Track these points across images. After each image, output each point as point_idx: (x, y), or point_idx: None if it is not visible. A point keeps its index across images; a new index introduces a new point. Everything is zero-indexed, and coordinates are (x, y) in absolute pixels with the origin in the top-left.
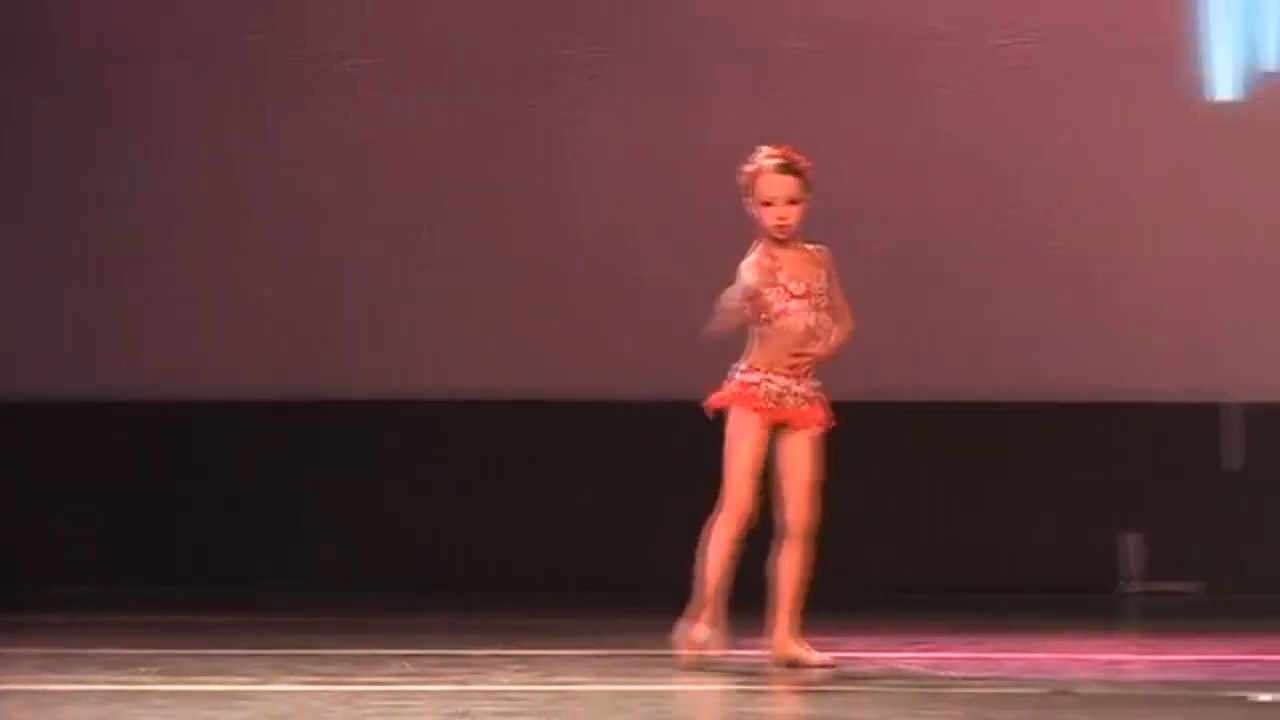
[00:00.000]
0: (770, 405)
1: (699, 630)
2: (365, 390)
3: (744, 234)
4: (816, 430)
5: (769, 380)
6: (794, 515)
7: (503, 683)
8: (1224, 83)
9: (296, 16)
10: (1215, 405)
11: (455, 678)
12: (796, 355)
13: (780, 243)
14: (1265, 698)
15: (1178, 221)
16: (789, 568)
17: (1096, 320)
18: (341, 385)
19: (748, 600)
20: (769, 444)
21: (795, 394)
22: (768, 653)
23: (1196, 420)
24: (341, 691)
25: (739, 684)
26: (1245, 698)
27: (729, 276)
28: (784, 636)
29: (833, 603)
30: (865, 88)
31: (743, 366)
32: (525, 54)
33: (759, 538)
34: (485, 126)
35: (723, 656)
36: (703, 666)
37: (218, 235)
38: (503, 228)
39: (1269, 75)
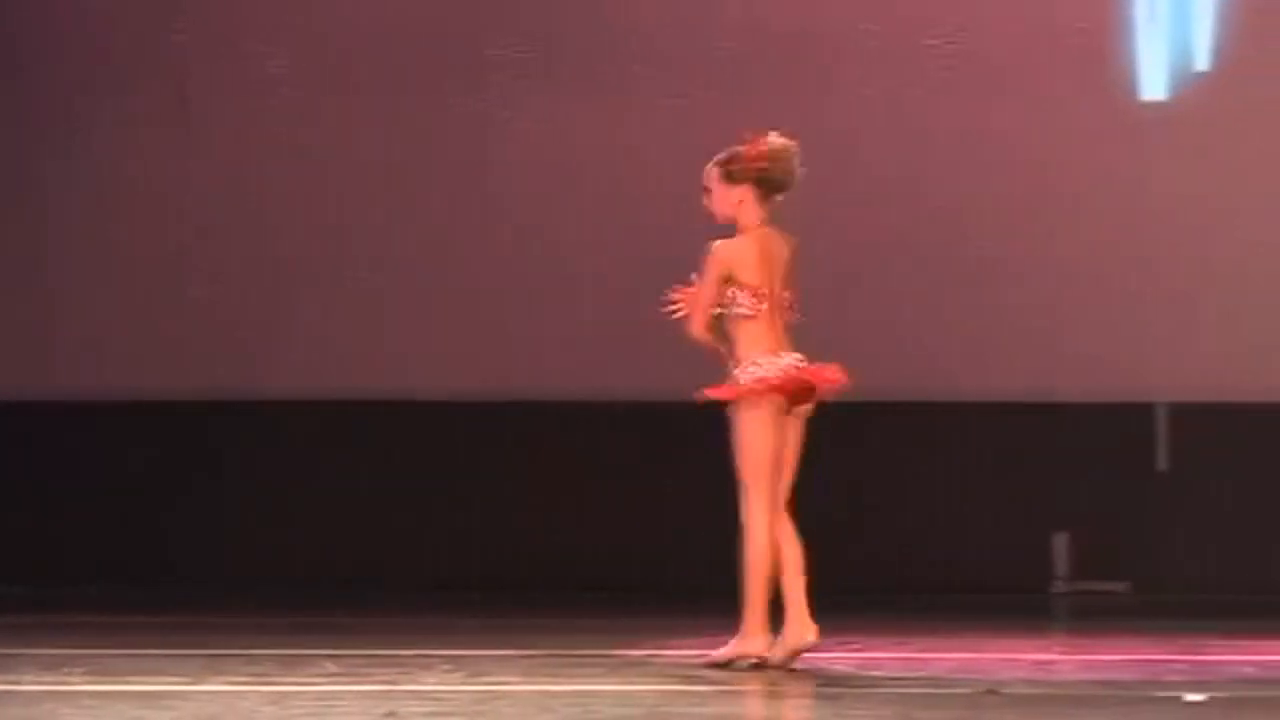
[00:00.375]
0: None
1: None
2: (283, 390)
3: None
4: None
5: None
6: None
7: (430, 683)
8: (1153, 83)
9: (223, 16)
10: (1147, 406)
11: (383, 678)
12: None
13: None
14: (1196, 698)
15: (1107, 222)
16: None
17: (1027, 321)
18: (261, 385)
19: (678, 600)
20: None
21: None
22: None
23: (1128, 421)
24: (270, 692)
25: (667, 684)
26: (1177, 698)
27: (658, 275)
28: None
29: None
30: (794, 89)
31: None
32: (453, 54)
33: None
34: (412, 126)
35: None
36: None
37: (144, 235)
38: (429, 227)
39: (1198, 75)
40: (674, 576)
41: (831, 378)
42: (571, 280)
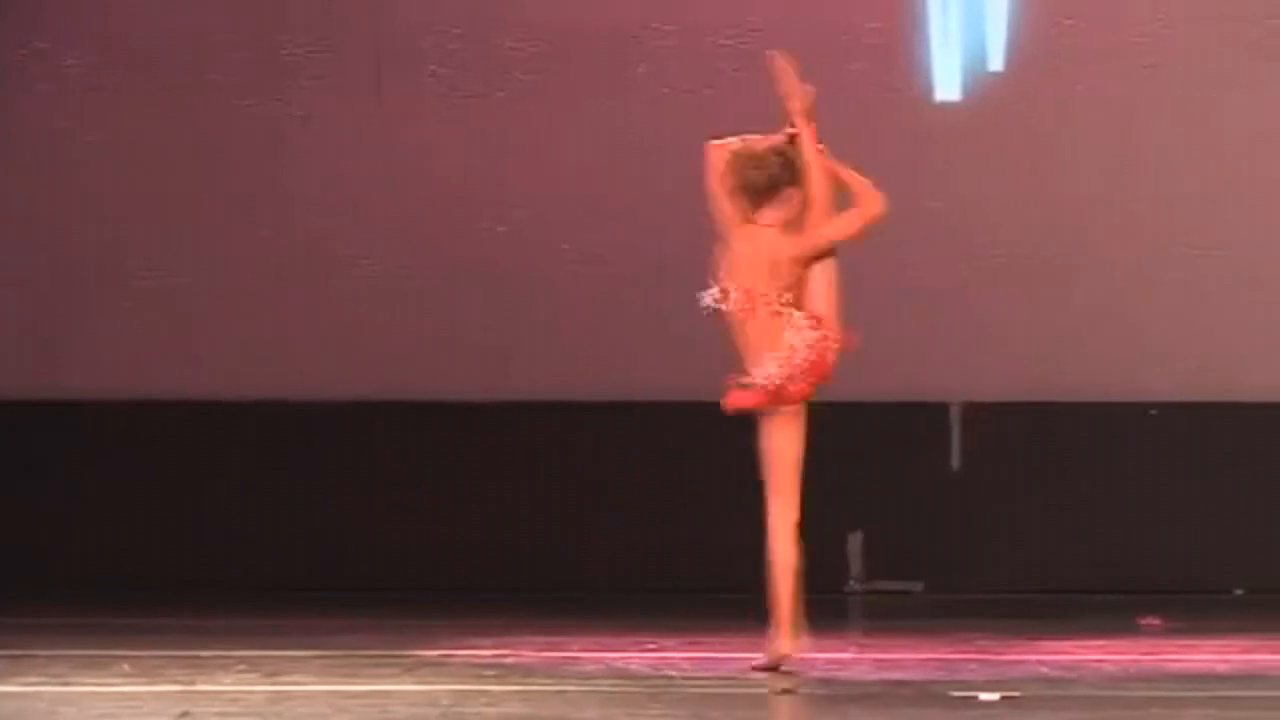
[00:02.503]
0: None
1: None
2: (80, 391)
3: (463, 232)
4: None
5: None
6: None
7: (225, 683)
8: (946, 84)
9: (17, 15)
10: (941, 405)
11: (179, 678)
12: None
13: None
14: (990, 697)
15: (899, 222)
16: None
17: None
18: (60, 385)
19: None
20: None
21: None
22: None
23: (923, 420)
24: (67, 692)
25: (462, 684)
26: (972, 697)
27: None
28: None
29: (557, 603)
30: (585, 88)
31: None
32: (246, 54)
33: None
34: (205, 127)
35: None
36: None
37: None
38: (220, 229)
39: (991, 76)
40: (465, 576)
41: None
42: (358, 282)
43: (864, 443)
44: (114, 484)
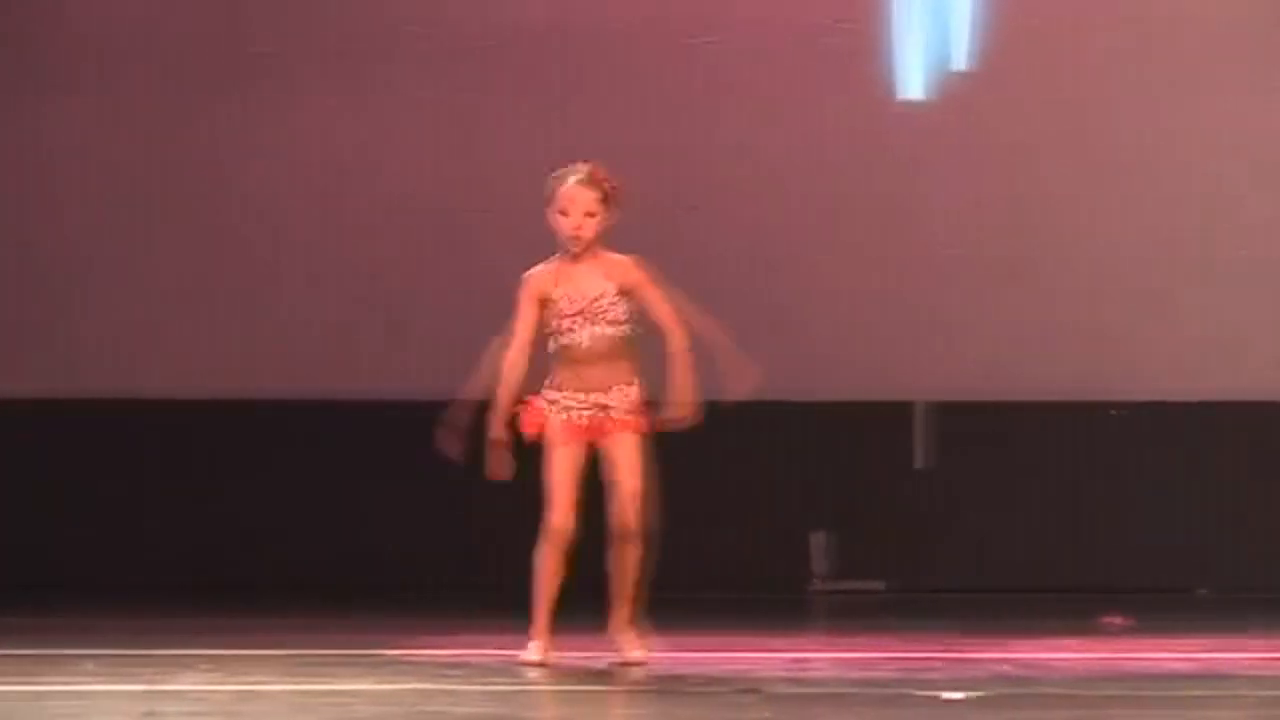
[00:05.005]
0: (574, 422)
1: (535, 646)
2: (49, 390)
3: (438, 231)
4: (633, 436)
5: (567, 398)
6: (620, 520)
7: (190, 682)
8: (912, 83)
9: None
10: (906, 404)
11: (143, 678)
12: (585, 370)
13: (574, 256)
14: (954, 696)
15: (865, 222)
16: (620, 568)
17: (787, 320)
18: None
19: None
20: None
21: (597, 406)
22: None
23: (886, 419)
24: (28, 692)
25: (425, 683)
26: (936, 696)
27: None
28: (616, 625)
29: (516, 602)
30: (548, 89)
31: (546, 384)
32: (216, 51)
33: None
34: (176, 125)
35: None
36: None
37: None
38: (191, 229)
39: (957, 76)
40: (429, 575)
41: (614, 429)
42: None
43: (827, 441)
44: (76, 484)
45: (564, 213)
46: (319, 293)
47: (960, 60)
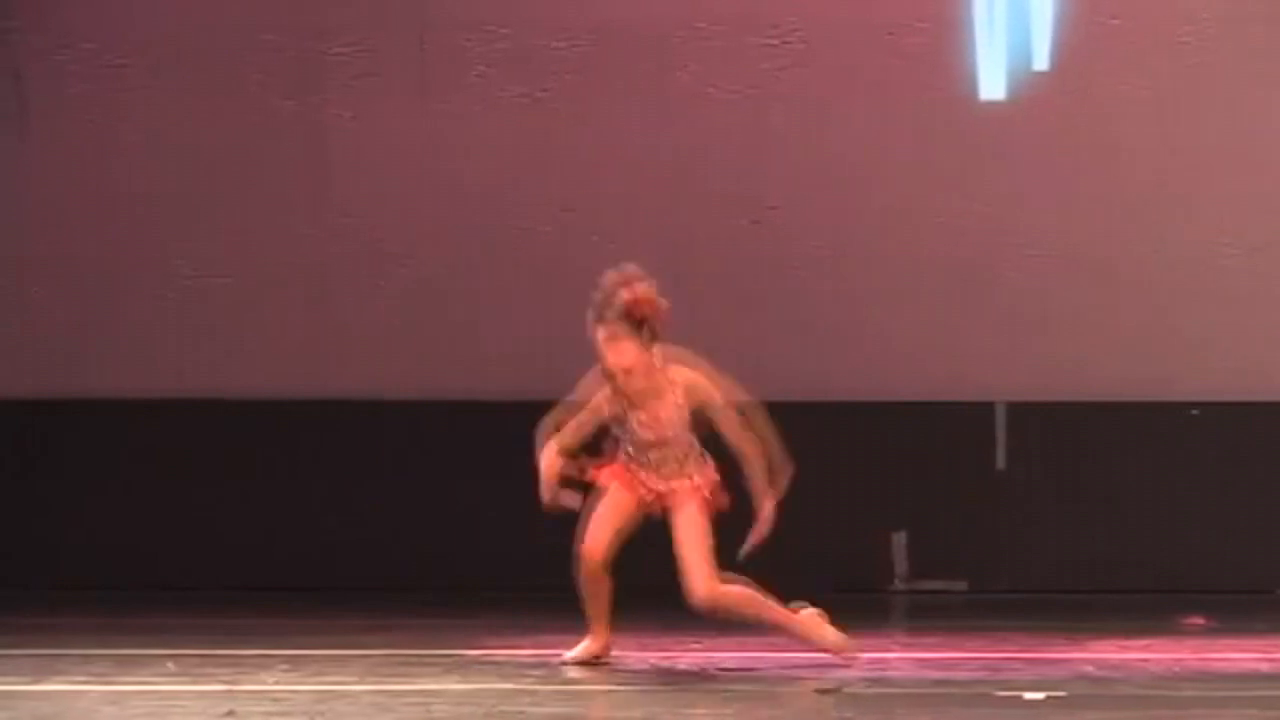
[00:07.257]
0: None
1: (582, 646)
2: (118, 390)
3: (511, 233)
4: (695, 507)
5: (639, 467)
6: (685, 593)
7: (269, 682)
8: (992, 83)
9: (60, 13)
10: (987, 405)
11: (222, 678)
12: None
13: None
14: (1035, 696)
15: (945, 223)
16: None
17: (870, 320)
18: (99, 385)
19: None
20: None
21: (659, 481)
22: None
23: (968, 419)
24: (108, 691)
25: (506, 683)
26: (1017, 696)
27: (489, 274)
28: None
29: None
30: (628, 89)
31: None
32: (289, 53)
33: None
34: (247, 126)
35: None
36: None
37: None
38: (261, 229)
39: (1037, 75)
40: (511, 576)
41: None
42: (404, 283)
43: (909, 442)
44: (151, 484)
45: (599, 353)
46: (388, 292)
47: (1041, 60)
